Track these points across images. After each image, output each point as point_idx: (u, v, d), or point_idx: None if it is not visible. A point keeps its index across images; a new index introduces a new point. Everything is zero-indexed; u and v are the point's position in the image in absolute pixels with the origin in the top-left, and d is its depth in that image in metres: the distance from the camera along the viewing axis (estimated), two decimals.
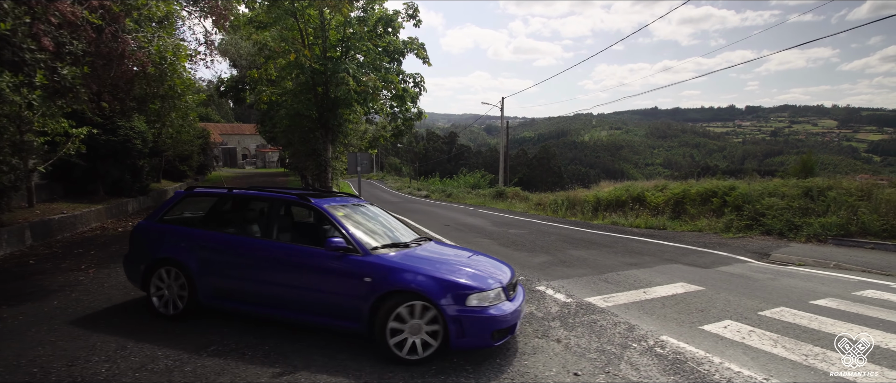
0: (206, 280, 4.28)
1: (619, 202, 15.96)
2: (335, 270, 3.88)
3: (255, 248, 4.25)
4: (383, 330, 3.60)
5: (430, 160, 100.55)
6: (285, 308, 4.04)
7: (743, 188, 12.09)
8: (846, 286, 6.28)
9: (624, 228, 13.20)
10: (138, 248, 4.64)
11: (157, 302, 4.44)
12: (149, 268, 4.43)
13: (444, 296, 3.59)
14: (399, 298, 3.63)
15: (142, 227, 4.75)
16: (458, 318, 3.55)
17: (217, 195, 4.90)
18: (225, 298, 4.27)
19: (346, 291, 3.82)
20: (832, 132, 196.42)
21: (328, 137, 12.86)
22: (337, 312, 3.86)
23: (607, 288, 6.34)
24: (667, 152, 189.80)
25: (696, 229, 11.94)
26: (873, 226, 8.80)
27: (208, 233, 4.50)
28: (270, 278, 4.12)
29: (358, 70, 10.77)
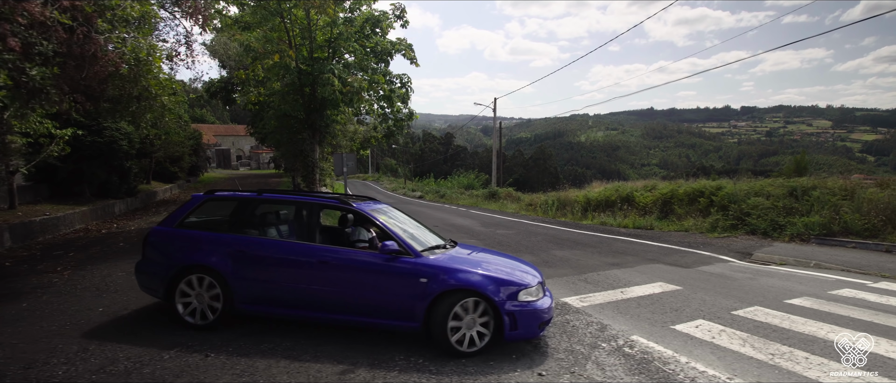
0: (244, 286, 4.18)
1: (608, 202, 15.99)
2: (390, 272, 4.02)
3: (302, 253, 4.22)
4: (444, 328, 3.81)
5: (426, 161, 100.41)
6: (334, 311, 4.10)
7: (729, 188, 12.13)
8: (823, 285, 6.30)
9: (612, 228, 13.21)
10: (158, 256, 4.36)
11: (183, 310, 4.19)
12: (175, 276, 4.17)
13: (499, 293, 3.90)
14: (458, 296, 3.87)
15: (160, 233, 4.46)
16: (511, 312, 3.88)
17: (246, 199, 4.65)
18: (265, 304, 4.19)
19: (402, 292, 3.97)
20: (827, 132, 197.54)
21: (315, 138, 12.82)
22: (392, 313, 4.00)
23: (586, 288, 6.33)
24: (663, 153, 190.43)
25: (682, 229, 11.96)
26: (855, 225, 8.83)
27: (248, 238, 4.35)
28: (319, 282, 4.13)
29: (343, 71, 10.75)
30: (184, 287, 4.18)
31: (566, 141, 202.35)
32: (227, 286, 4.14)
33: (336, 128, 13.39)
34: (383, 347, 4.04)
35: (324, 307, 4.11)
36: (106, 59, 5.29)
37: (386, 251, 4.01)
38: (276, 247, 4.34)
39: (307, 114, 12.29)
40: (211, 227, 4.62)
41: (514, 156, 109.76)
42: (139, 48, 5.87)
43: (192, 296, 4.20)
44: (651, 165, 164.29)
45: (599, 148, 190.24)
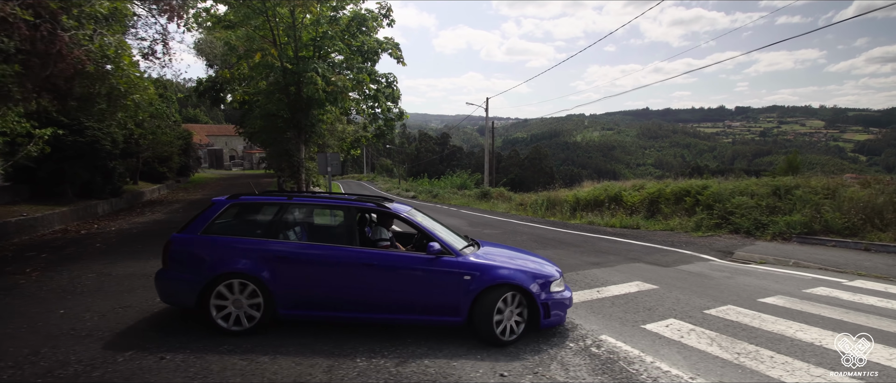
0: (285, 291, 4.15)
1: (597, 202, 15.98)
2: (435, 272, 4.21)
3: (346, 256, 4.25)
4: (489, 320, 4.09)
5: (422, 161, 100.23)
6: (380, 310, 4.23)
7: (714, 187, 12.14)
8: (799, 283, 6.29)
9: (599, 228, 13.20)
10: (186, 264, 4.18)
11: (219, 318, 4.07)
12: (209, 284, 4.03)
13: (534, 286, 4.26)
14: (501, 291, 4.16)
15: (184, 241, 4.25)
16: (545, 302, 4.28)
17: (276, 203, 4.57)
18: (306, 308, 4.20)
19: (448, 289, 4.19)
20: (820, 132, 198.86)
21: (301, 137, 12.73)
22: (438, 309, 4.22)
23: None
24: (658, 153, 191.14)
25: (668, 228, 11.96)
26: (835, 223, 8.85)
27: (289, 243, 4.31)
28: (364, 284, 4.22)
29: (328, 69, 10.67)
30: (219, 294, 4.07)
31: (562, 141, 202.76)
32: (269, 292, 4.09)
33: (322, 128, 13.29)
34: (345, 342, 3.99)
35: (369, 308, 4.23)
36: (72, 56, 5.19)
37: (432, 252, 4.20)
38: (320, 251, 4.34)
39: (292, 114, 12.19)
40: (243, 232, 4.52)
41: (510, 156, 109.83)
42: (107, 45, 5.77)
43: (229, 303, 4.10)
44: (646, 165, 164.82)
45: (595, 148, 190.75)
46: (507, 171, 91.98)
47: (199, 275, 4.07)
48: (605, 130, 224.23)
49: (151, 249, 8.41)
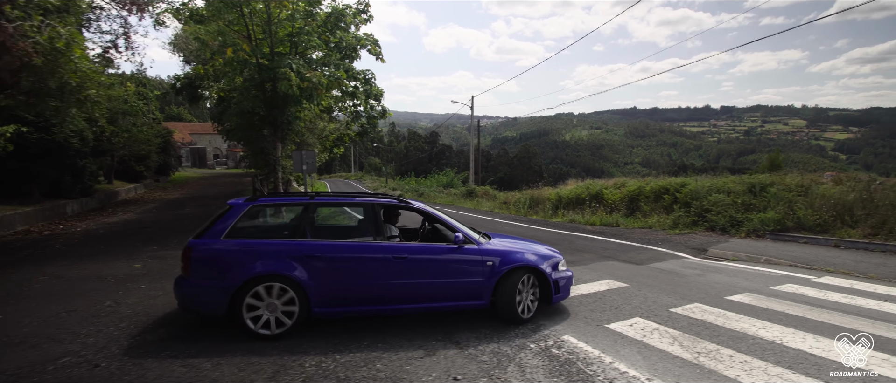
0: (319, 290, 4.14)
1: (579, 200, 15.98)
2: (462, 260, 4.54)
3: (377, 250, 4.37)
4: (512, 301, 4.54)
5: (411, 159, 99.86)
6: (411, 301, 4.44)
7: (693, 185, 12.19)
8: (767, 281, 6.29)
9: (579, 226, 13.18)
10: (213, 271, 4.00)
11: (252, 323, 3.96)
12: (240, 288, 3.92)
13: (546, 266, 4.78)
14: (520, 273, 4.60)
15: (207, 248, 4.05)
16: (556, 282, 4.82)
17: (300, 203, 4.57)
18: (338, 305, 4.25)
19: (473, 275, 4.54)
20: (802, 131, 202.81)
21: (277, 135, 12.47)
22: (464, 294, 4.54)
23: None
24: (645, 151, 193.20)
25: (646, 226, 11.98)
26: (807, 220, 8.91)
27: (321, 242, 4.26)
28: (397, 276, 4.35)
29: (302, 66, 10.44)
30: (251, 299, 3.95)
31: (551, 140, 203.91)
32: (304, 292, 4.07)
33: (300, 125, 13.04)
34: (294, 345, 3.83)
35: (401, 299, 4.40)
36: (17, 48, 4.94)
37: (459, 242, 4.54)
38: (352, 248, 4.37)
39: (268, 111, 11.94)
40: (270, 234, 4.47)
41: (499, 155, 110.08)
42: (57, 37, 5.50)
43: (263, 307, 3.99)
44: (634, 164, 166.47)
45: (584, 146, 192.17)
46: (496, 170, 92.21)
47: (229, 280, 3.93)
48: (594, 129, 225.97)
49: (114, 251, 8.15)
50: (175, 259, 7.53)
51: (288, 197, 4.78)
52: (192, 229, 10.83)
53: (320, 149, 24.67)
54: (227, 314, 3.94)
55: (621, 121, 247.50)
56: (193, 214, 13.64)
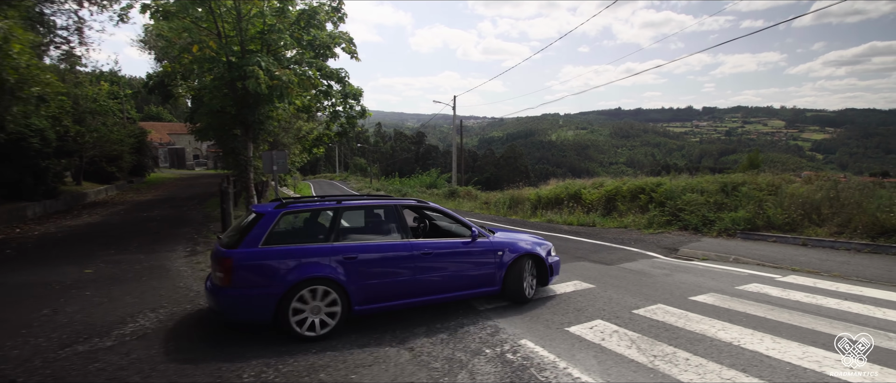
0: (358, 289, 4.36)
1: (558, 200, 15.97)
2: (478, 252, 5.07)
3: (407, 248, 4.68)
4: (521, 285, 5.22)
5: (397, 160, 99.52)
6: (438, 292, 4.84)
7: (668, 185, 12.24)
8: (733, 280, 6.27)
9: (556, 225, 13.14)
10: (257, 279, 4.03)
11: (298, 326, 4.07)
12: (286, 294, 4.00)
13: (543, 252, 5.56)
14: (524, 260, 5.27)
15: (249, 255, 4.05)
16: (551, 265, 5.63)
17: (328, 208, 4.73)
18: (376, 301, 4.50)
19: (488, 264, 5.10)
20: (780, 132, 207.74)
21: (249, 135, 12.14)
22: (481, 282, 5.08)
23: None
24: (630, 151, 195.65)
25: (622, 226, 11.98)
26: (777, 219, 8.98)
27: (357, 244, 4.52)
28: (425, 271, 4.73)
29: (272, 63, 10.16)
30: (297, 303, 4.07)
31: (537, 140, 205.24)
32: (345, 292, 4.27)
33: (273, 125, 12.73)
34: (232, 351, 3.63)
35: (429, 291, 4.78)
36: None
37: (476, 236, 5.06)
38: (386, 247, 4.63)
39: (238, 110, 11.61)
40: (306, 239, 4.58)
41: (486, 155, 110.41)
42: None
43: (307, 310, 4.14)
44: (619, 164, 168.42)
45: (570, 147, 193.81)
46: (483, 170, 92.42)
47: (276, 287, 4.02)
48: (580, 129, 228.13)
49: (69, 255, 7.80)
50: (130, 263, 7.24)
51: (315, 202, 4.94)
52: (156, 232, 10.49)
53: (299, 149, 24.29)
54: (274, 320, 4.03)
55: (606, 121, 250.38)
56: (162, 217, 13.24)
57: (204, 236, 9.47)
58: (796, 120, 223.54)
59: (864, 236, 7.65)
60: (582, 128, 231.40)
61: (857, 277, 6.25)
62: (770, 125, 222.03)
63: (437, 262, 4.81)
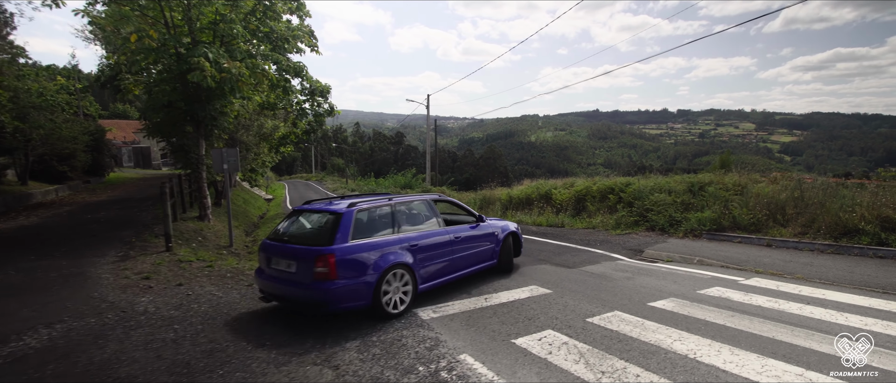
0: (421, 271, 5.21)
1: (529, 200, 15.68)
2: (484, 234, 6.34)
3: (446, 234, 5.70)
4: (510, 258, 6.77)
5: (376, 160, 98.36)
6: (461, 269, 5.88)
7: (636, 184, 12.05)
8: (695, 283, 5.99)
9: (525, 227, 12.81)
10: (356, 269, 4.61)
11: (386, 306, 4.76)
12: (379, 280, 4.68)
13: (518, 230, 7.18)
14: (510, 237, 6.78)
15: (346, 250, 4.59)
16: (521, 241, 7.26)
17: (386, 204, 5.39)
18: (430, 280, 5.39)
19: (490, 243, 6.42)
20: (751, 134, 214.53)
21: (200, 132, 11.40)
22: (486, 258, 6.37)
23: (449, 296, 5.65)
24: (607, 153, 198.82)
25: (590, 226, 11.73)
26: (742, 219, 8.83)
27: (420, 233, 5.40)
28: (455, 253, 5.77)
29: (220, 55, 9.49)
30: (384, 287, 4.75)
31: (517, 141, 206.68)
32: (414, 275, 5.07)
33: (227, 122, 12.01)
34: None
35: (458, 268, 5.83)
36: None
37: (483, 221, 6.49)
38: (435, 234, 5.56)
39: (188, 105, 10.88)
40: (379, 231, 5.06)
41: (465, 156, 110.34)
42: None
43: (390, 292, 4.83)
44: (596, 165, 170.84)
45: (549, 148, 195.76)
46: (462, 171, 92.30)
47: (372, 274, 4.65)
48: (558, 131, 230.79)
49: None
50: (46, 270, 6.52)
51: (372, 198, 5.63)
52: (93, 235, 9.67)
53: (267, 148, 23.45)
54: (372, 303, 4.66)
55: (585, 123, 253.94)
56: (107, 218, 12.36)
57: (143, 240, 8.74)
58: (766, 123, 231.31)
59: (827, 236, 7.53)
60: (561, 130, 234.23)
61: (820, 279, 6.06)
62: (741, 128, 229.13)
63: (463, 245, 5.90)
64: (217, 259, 8.30)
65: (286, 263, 4.69)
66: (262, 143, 22.44)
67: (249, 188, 42.39)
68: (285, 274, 4.67)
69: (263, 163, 37.62)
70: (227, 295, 5.76)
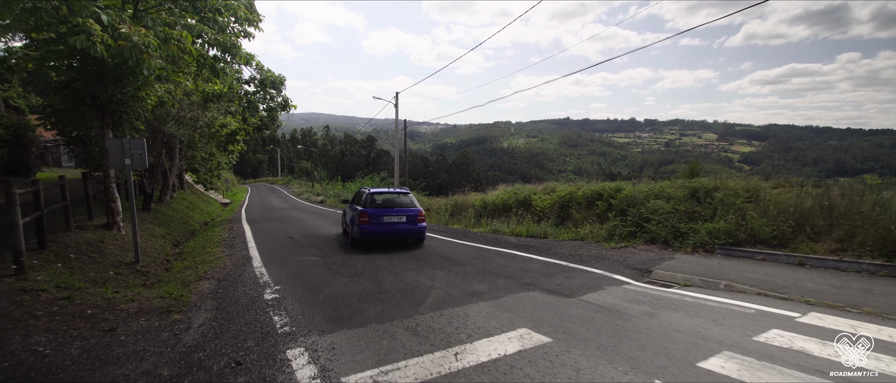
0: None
1: (505, 207, 14.02)
2: (418, 212, 9.65)
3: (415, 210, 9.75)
4: (424, 228, 9.77)
5: (346, 164, 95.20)
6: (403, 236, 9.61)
7: (628, 190, 10.56)
8: (744, 324, 4.37)
9: (502, 237, 11.10)
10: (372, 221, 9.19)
11: None
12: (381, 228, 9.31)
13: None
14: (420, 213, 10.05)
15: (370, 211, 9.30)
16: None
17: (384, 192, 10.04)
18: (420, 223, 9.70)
19: (418, 217, 9.60)
20: (713, 144, 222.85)
21: (105, 120, 9.14)
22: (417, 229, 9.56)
23: (402, 348, 3.80)
24: (577, 160, 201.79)
25: (578, 237, 10.13)
26: (763, 232, 7.39)
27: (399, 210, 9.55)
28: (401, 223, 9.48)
29: (114, 15, 7.37)
30: None
31: (490, 147, 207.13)
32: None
33: (144, 108, 9.74)
34: None
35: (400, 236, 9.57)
36: None
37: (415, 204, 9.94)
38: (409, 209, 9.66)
39: (87, 84, 8.63)
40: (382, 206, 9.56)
41: (438, 161, 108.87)
42: None
43: None
44: (567, 172, 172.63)
45: (520, 154, 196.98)
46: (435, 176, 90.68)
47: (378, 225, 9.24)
48: (530, 138, 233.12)
49: None
50: None
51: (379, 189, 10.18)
52: None
53: (214, 147, 20.90)
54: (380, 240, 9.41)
55: (556, 130, 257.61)
56: None
57: None
58: (727, 133, 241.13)
59: (875, 254, 6.12)
60: (532, 137, 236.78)
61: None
62: (704, 137, 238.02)
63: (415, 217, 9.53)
64: (97, 284, 6.15)
65: (397, 218, 9.34)
66: (210, 141, 19.97)
67: (205, 191, 39.17)
68: (397, 224, 9.33)
69: (219, 165, 34.73)
70: (58, 354, 3.71)
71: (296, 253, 9.00)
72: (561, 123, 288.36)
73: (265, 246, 10.03)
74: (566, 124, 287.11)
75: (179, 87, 11.58)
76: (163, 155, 14.75)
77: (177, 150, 17.49)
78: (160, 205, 17.04)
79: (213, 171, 34.00)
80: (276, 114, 16.86)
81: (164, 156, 15.33)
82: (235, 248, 9.75)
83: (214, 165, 32.89)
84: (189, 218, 18.07)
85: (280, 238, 11.33)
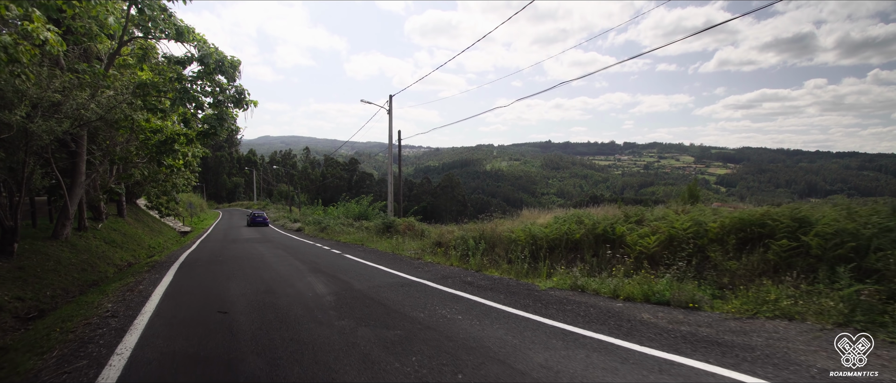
0: None
1: (570, 242, 9.32)
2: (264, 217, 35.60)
3: None
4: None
5: (328, 187, 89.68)
6: None
7: (829, 214, 6.01)
8: None
9: (605, 303, 6.31)
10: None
11: None
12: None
13: None
14: None
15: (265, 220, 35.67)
16: None
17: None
18: None
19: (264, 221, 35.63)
20: (690, 166, 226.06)
21: None
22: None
23: None
24: (559, 183, 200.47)
25: (764, 313, 5.44)
26: None
27: None
28: None
29: None
30: None
31: (473, 170, 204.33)
32: None
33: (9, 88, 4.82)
34: None
35: None
36: None
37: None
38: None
39: None
40: None
41: (422, 184, 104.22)
42: None
43: None
44: (550, 194, 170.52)
45: (504, 177, 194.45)
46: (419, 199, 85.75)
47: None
48: (513, 160, 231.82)
49: None
50: None
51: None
52: None
53: (146, 156, 15.67)
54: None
55: (538, 153, 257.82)
56: None
57: None
58: (703, 156, 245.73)
59: None
60: (515, 159, 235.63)
61: None
62: (682, 160, 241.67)
63: None
64: None
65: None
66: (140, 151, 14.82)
67: (159, 218, 33.17)
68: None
69: (175, 186, 28.54)
70: None
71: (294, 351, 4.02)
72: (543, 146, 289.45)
73: (146, 354, 4.98)
74: (548, 147, 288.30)
75: (39, 47, 6.63)
76: (30, 167, 9.28)
77: (82, 160, 12.23)
78: (53, 242, 11.64)
79: (169, 194, 28.01)
80: (227, 111, 11.86)
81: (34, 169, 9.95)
82: (79, 358, 4.67)
83: (169, 187, 26.95)
84: (103, 259, 12.64)
85: (203, 315, 6.23)
